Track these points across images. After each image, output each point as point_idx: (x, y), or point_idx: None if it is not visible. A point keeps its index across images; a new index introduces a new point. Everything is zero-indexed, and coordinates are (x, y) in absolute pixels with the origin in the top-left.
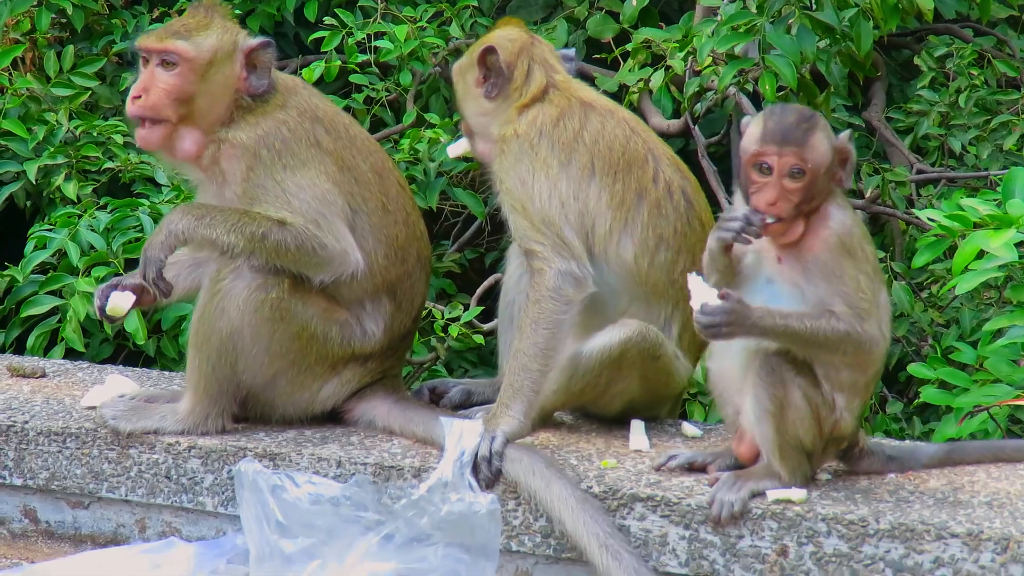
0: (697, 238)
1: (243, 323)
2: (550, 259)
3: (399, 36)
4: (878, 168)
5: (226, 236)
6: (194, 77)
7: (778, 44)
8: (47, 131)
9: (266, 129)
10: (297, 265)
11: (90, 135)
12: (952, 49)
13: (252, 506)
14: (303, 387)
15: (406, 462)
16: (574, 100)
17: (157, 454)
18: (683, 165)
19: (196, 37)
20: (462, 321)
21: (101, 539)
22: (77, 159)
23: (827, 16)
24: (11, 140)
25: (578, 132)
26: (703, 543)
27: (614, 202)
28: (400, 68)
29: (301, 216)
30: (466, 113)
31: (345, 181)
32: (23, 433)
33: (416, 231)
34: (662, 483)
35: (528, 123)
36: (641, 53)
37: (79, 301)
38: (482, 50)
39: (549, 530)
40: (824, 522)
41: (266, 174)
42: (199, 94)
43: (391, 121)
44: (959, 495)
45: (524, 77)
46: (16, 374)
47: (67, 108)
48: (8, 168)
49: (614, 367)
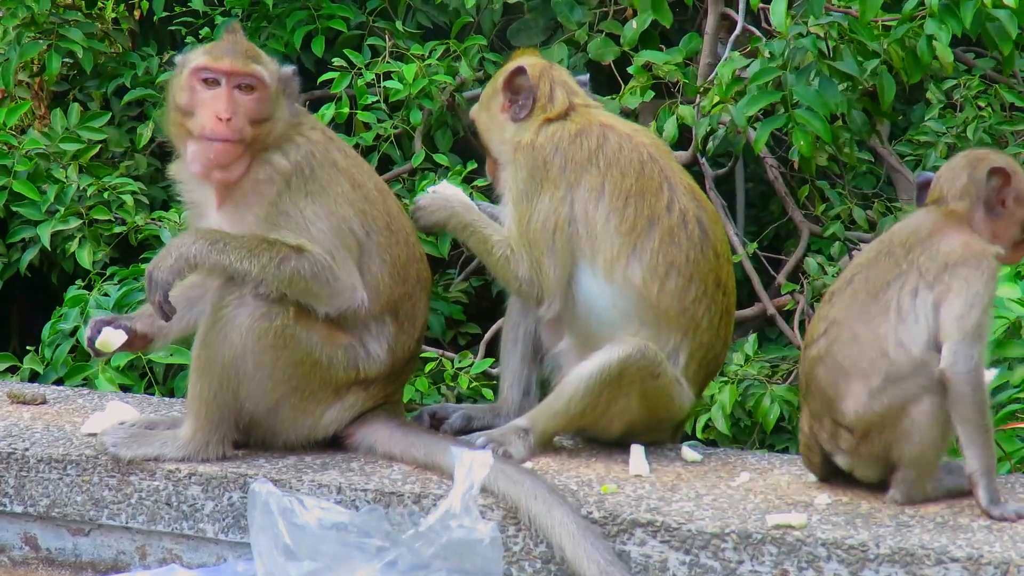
0: (711, 267)
1: (246, 350)
2: (520, 276)
3: (408, 76)
4: (890, 207)
5: (239, 263)
6: (270, 102)
7: (803, 99)
8: (58, 191)
9: (301, 155)
10: (307, 295)
11: (100, 196)
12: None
13: (262, 527)
14: (306, 413)
15: (406, 488)
16: (595, 121)
17: (158, 481)
18: (701, 194)
19: (264, 62)
20: (472, 372)
21: (102, 566)
22: (88, 221)
23: (847, 67)
24: (22, 205)
25: (594, 151)
26: (703, 568)
27: (623, 227)
28: (408, 106)
29: (319, 245)
30: (492, 146)
31: (358, 199)
32: (23, 460)
33: (416, 252)
34: (662, 508)
35: (547, 137)
36: (642, 76)
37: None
38: (510, 72)
39: (549, 556)
40: (824, 547)
41: (292, 202)
42: (269, 119)
43: (399, 158)
44: (959, 519)
45: (548, 96)
46: (16, 401)
47: (76, 165)
48: (23, 235)
49: (614, 386)
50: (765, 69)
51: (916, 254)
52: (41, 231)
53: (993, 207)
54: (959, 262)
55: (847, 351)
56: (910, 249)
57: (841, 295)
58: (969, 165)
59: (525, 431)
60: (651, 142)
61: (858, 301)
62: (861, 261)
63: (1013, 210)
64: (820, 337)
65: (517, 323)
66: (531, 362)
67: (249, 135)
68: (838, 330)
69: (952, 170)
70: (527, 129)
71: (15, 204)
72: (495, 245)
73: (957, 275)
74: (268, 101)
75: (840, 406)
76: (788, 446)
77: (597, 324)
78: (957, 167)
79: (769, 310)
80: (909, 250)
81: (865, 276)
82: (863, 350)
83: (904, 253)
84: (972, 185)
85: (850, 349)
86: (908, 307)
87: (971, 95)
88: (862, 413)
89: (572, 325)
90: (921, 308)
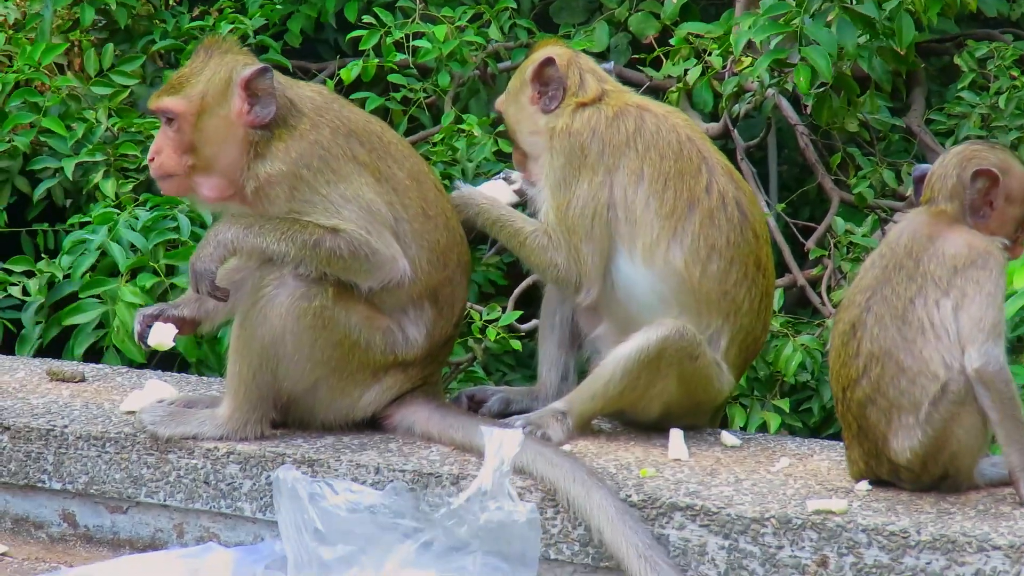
0: (751, 249)
1: (285, 330)
2: (559, 263)
3: (438, 36)
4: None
5: (276, 244)
6: (190, 128)
7: (816, 37)
8: (86, 129)
9: (300, 151)
10: (348, 272)
11: (128, 132)
12: (992, 50)
13: (290, 513)
14: (344, 394)
15: (444, 469)
16: (631, 104)
17: (196, 459)
18: (737, 175)
19: (186, 88)
20: (500, 324)
21: (139, 544)
22: (115, 156)
23: (867, 8)
24: (50, 137)
25: (632, 134)
26: (742, 553)
27: (664, 210)
28: (438, 69)
29: (352, 223)
30: (521, 137)
31: (384, 192)
32: (62, 437)
33: (456, 235)
34: (701, 492)
35: (583, 121)
36: (684, 48)
37: (125, 311)
38: (538, 64)
39: (588, 538)
40: (865, 533)
41: (311, 190)
42: (200, 143)
43: (429, 124)
44: (1001, 507)
45: (578, 84)
46: (56, 378)
47: (106, 107)
48: (47, 164)
49: (652, 367)
50: (778, 3)
51: (925, 263)
52: (66, 164)
53: (979, 209)
54: (967, 264)
55: (897, 385)
56: (918, 259)
57: (864, 325)
58: (959, 164)
59: (563, 414)
60: (685, 123)
61: (887, 328)
62: (869, 283)
63: (1003, 210)
64: (861, 377)
65: (554, 309)
66: (569, 348)
67: (180, 167)
68: (880, 366)
69: (944, 167)
70: (560, 115)
71: (43, 136)
72: (529, 236)
73: (968, 278)
74: (188, 128)
75: (894, 446)
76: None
77: (636, 310)
78: (949, 165)
79: (799, 281)
80: (917, 260)
81: (883, 298)
82: (913, 379)
83: (915, 265)
84: (960, 186)
85: (899, 382)
86: (939, 321)
87: (1005, 64)
88: (917, 449)
89: (610, 311)
90: (948, 319)
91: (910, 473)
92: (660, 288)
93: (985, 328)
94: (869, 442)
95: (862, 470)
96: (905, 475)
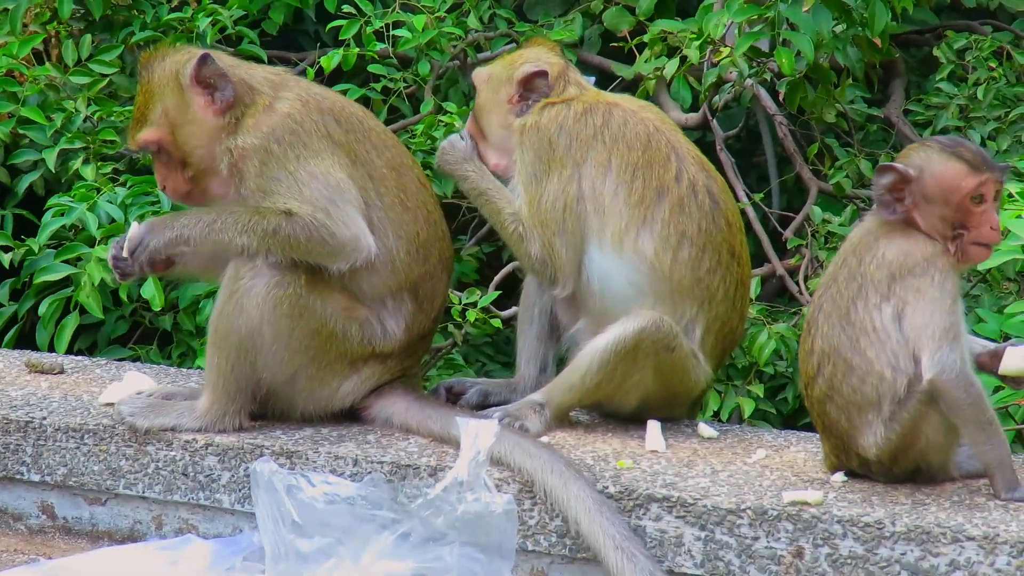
0: (724, 237)
1: (262, 320)
2: (533, 255)
3: (417, 25)
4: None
5: (239, 238)
6: (173, 148)
7: (794, 19)
8: (65, 119)
9: (272, 125)
10: (310, 255)
11: (108, 121)
12: (971, 42)
13: (267, 505)
14: (323, 384)
15: (422, 461)
16: (600, 100)
17: (174, 451)
18: (709, 164)
19: (148, 115)
20: (479, 306)
21: (118, 535)
22: (95, 143)
23: None
24: (30, 128)
25: (599, 128)
26: (719, 544)
27: (632, 199)
28: (418, 59)
29: (310, 205)
30: (486, 123)
31: (358, 176)
32: (41, 429)
33: (438, 230)
34: (678, 484)
35: (551, 118)
36: (657, 44)
37: (95, 267)
38: (532, 72)
39: (565, 530)
40: (840, 524)
41: (279, 166)
42: (188, 154)
43: (410, 113)
44: (976, 498)
45: (559, 94)
46: (34, 370)
47: (85, 96)
48: (27, 156)
49: (629, 359)
50: None
51: (867, 263)
52: (47, 155)
53: (889, 206)
54: (905, 272)
55: (849, 383)
56: (861, 257)
57: (816, 322)
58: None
59: (541, 405)
60: (656, 116)
61: (835, 327)
62: (824, 279)
63: (925, 209)
64: (817, 375)
65: (533, 301)
66: (548, 340)
67: (188, 179)
68: (832, 364)
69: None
70: (530, 114)
71: (22, 127)
72: (508, 219)
73: (908, 287)
74: (174, 147)
75: (860, 442)
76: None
77: (612, 301)
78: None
79: (778, 270)
80: (860, 259)
81: (831, 296)
82: (863, 378)
83: (857, 263)
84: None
85: (850, 380)
86: (881, 325)
87: (983, 56)
88: (883, 445)
89: (587, 304)
90: (890, 323)
91: (881, 467)
92: (633, 277)
93: (936, 335)
94: (835, 437)
95: (835, 463)
96: (876, 468)
